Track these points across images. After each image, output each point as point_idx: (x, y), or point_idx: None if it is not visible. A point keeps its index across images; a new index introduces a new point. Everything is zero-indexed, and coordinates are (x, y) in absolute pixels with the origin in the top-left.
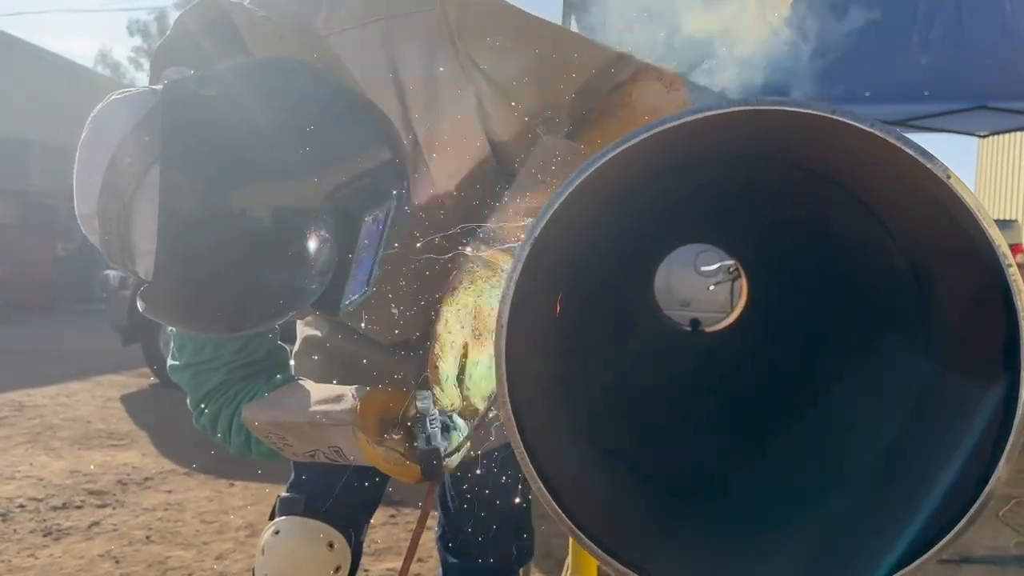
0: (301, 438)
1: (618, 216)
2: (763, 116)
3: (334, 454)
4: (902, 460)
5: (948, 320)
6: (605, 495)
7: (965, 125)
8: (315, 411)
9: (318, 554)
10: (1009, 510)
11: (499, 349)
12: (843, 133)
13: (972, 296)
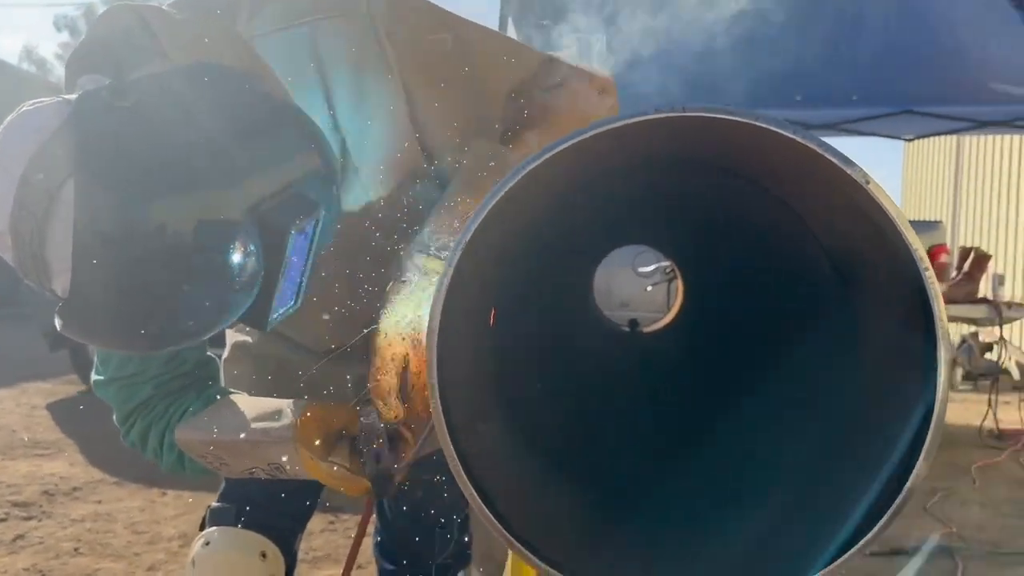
0: (239, 456)
1: (554, 219)
2: (689, 122)
3: (274, 471)
4: (832, 458)
5: (871, 320)
6: (540, 500)
7: (892, 129)
8: (253, 429)
9: (250, 564)
10: (935, 503)
11: (431, 354)
12: (767, 139)
13: (893, 297)
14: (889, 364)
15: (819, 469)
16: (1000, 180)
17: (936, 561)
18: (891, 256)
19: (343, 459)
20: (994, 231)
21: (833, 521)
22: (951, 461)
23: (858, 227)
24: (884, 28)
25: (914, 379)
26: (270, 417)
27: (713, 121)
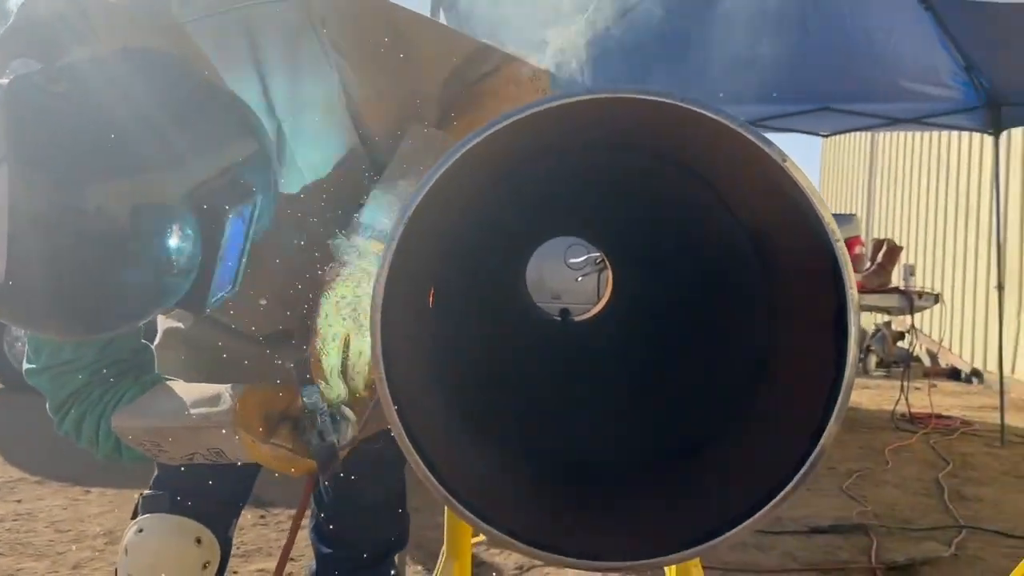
0: (178, 443)
1: (488, 207)
2: (621, 104)
3: (215, 455)
4: (749, 421)
5: (786, 292)
6: (480, 468)
7: (810, 125)
8: (192, 414)
9: (186, 550)
10: (851, 484)
11: (375, 327)
12: (692, 121)
13: (807, 270)
14: (801, 330)
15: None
16: (911, 175)
17: (852, 538)
18: (805, 230)
19: (285, 440)
20: (906, 223)
21: (751, 480)
22: (866, 444)
23: (775, 204)
24: (802, 29)
25: (827, 344)
26: (209, 402)
27: (642, 103)
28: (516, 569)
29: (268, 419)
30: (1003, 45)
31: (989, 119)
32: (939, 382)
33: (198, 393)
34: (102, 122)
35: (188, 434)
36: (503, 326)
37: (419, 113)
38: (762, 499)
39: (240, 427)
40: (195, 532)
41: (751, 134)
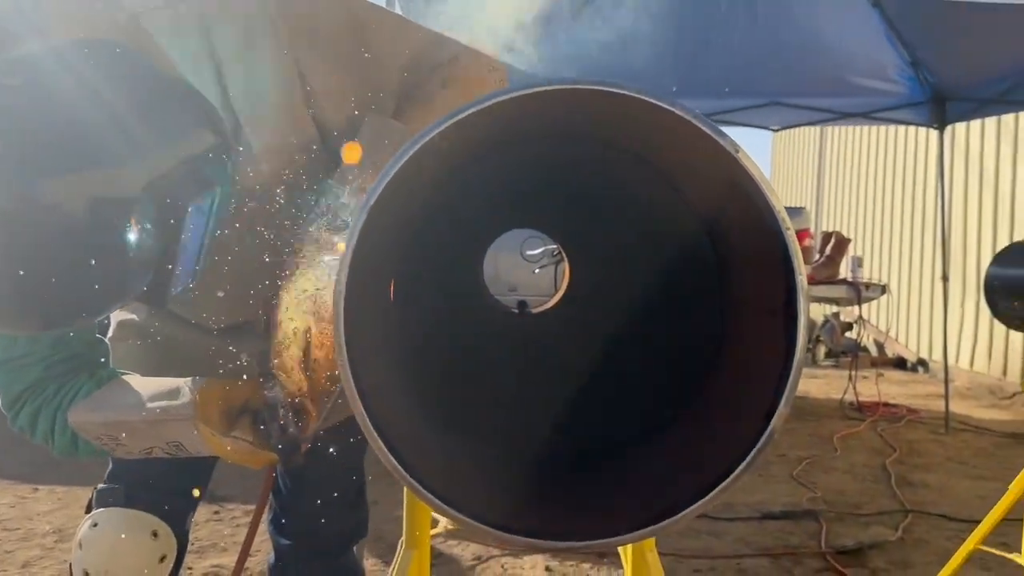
0: (136, 436)
1: (447, 198)
2: (577, 95)
3: (174, 449)
4: (702, 405)
5: (739, 280)
6: (442, 455)
7: (761, 119)
8: (151, 407)
9: (142, 543)
10: (802, 470)
11: (338, 314)
12: (647, 112)
13: (758, 258)
14: (755, 317)
15: (689, 416)
16: (859, 169)
17: (802, 523)
18: (757, 219)
19: (245, 433)
20: (854, 216)
21: (704, 462)
22: (816, 432)
23: (728, 194)
24: (752, 25)
25: (777, 330)
26: (168, 395)
27: (598, 94)
28: (474, 560)
29: (228, 412)
30: (948, 41)
31: (934, 114)
32: (886, 371)
33: (156, 387)
34: (58, 115)
35: (147, 427)
36: (462, 318)
37: (377, 104)
38: (714, 481)
39: (200, 420)
40: (151, 525)
41: (705, 125)
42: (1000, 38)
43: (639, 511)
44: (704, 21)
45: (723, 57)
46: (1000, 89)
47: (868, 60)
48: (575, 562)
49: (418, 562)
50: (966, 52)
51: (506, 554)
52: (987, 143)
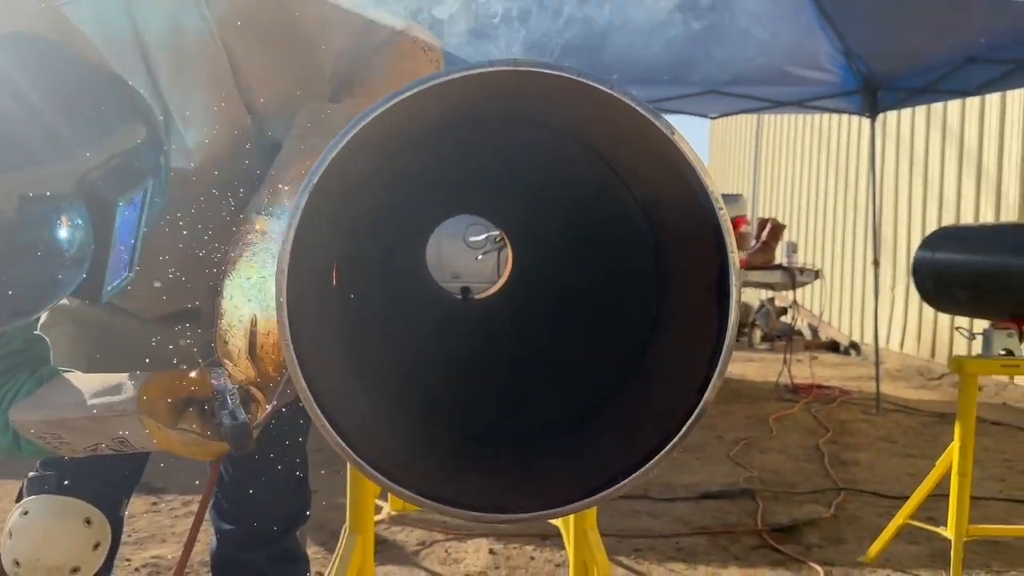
0: (81, 434)
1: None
2: (517, 77)
3: (119, 445)
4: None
5: (675, 259)
6: (386, 433)
7: (698, 108)
8: (94, 404)
9: (74, 531)
10: (738, 451)
11: (280, 293)
12: (586, 95)
13: (693, 237)
14: (690, 295)
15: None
16: (795, 156)
17: (739, 502)
18: (692, 200)
19: (193, 425)
20: (789, 203)
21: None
22: (752, 414)
23: (664, 176)
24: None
25: (711, 307)
26: (111, 391)
27: (538, 76)
28: (418, 545)
29: (174, 404)
30: (880, 31)
31: (866, 103)
32: (820, 354)
33: (99, 383)
34: None
35: (90, 424)
36: (404, 303)
37: (312, 88)
38: (648, 454)
39: (145, 414)
40: (84, 513)
41: (642, 108)
42: (930, 29)
43: (577, 485)
44: (644, 11)
45: (661, 46)
46: (930, 79)
47: (802, 50)
48: (518, 544)
49: (362, 546)
50: (897, 42)
51: (450, 538)
52: (917, 131)
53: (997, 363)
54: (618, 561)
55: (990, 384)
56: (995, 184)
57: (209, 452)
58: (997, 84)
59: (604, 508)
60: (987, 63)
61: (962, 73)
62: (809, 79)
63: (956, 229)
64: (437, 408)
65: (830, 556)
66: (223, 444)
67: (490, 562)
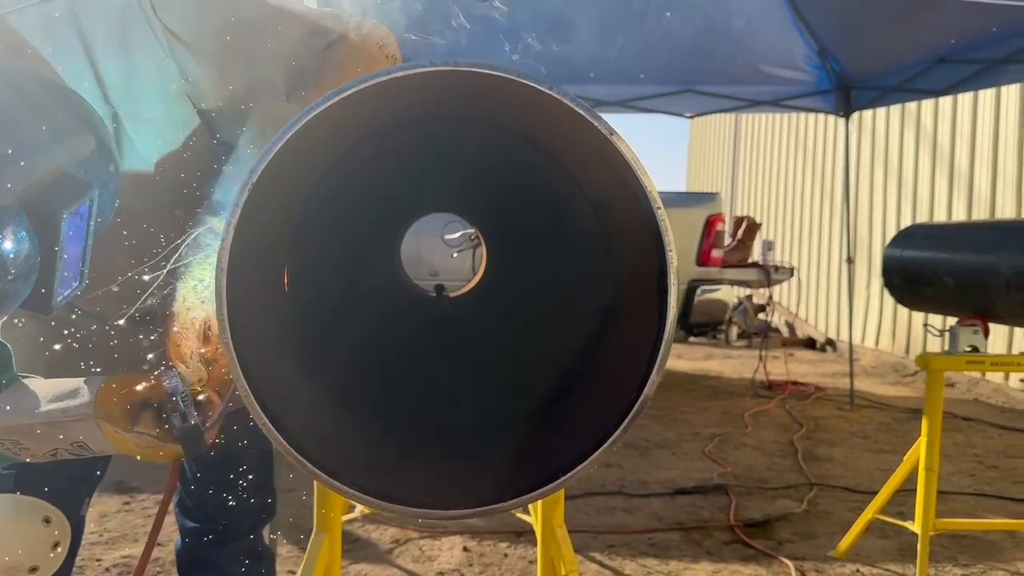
0: (38, 440)
1: (347, 179)
2: (463, 77)
3: (78, 449)
4: (590, 379)
5: (624, 258)
6: (331, 430)
7: (675, 107)
8: (50, 410)
9: (32, 531)
10: (713, 447)
11: (219, 291)
12: (531, 96)
13: (637, 236)
14: (637, 294)
15: (577, 389)
16: (772, 154)
17: (712, 498)
18: (633, 199)
19: (149, 428)
20: (767, 201)
21: (585, 432)
22: (727, 410)
23: (610, 177)
24: (666, 12)
25: (653, 304)
26: (67, 396)
27: (482, 76)
28: (392, 543)
29: (130, 408)
30: (854, 31)
31: (840, 102)
32: (796, 351)
33: (56, 388)
34: None
35: (49, 430)
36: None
37: (266, 89)
38: (590, 450)
39: (102, 418)
40: (42, 512)
41: (581, 108)
42: (904, 28)
43: (518, 482)
44: (619, 8)
45: (637, 44)
46: (902, 78)
47: (778, 49)
48: (492, 542)
49: (329, 544)
50: (870, 42)
51: (424, 536)
52: (892, 130)
53: (962, 359)
54: (591, 557)
55: (962, 380)
56: (967, 183)
57: (167, 454)
58: (967, 84)
59: (579, 505)
60: (957, 63)
61: (933, 73)
62: (785, 78)
63: (923, 227)
64: (387, 406)
65: (801, 551)
66: (179, 447)
67: (464, 559)
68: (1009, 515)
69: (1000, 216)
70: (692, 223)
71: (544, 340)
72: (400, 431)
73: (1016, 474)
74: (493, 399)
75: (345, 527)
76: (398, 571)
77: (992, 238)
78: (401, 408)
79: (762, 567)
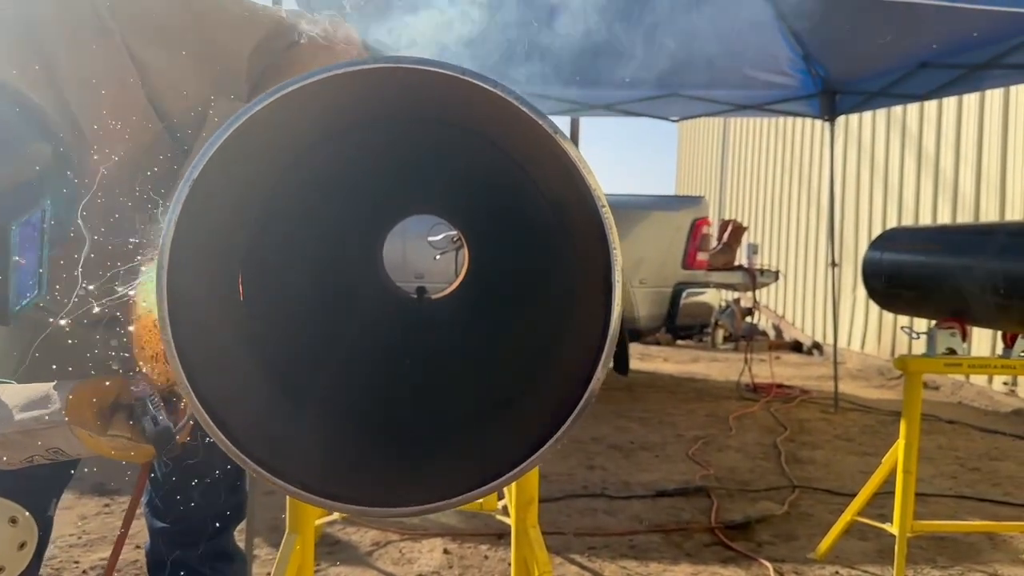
0: (13, 449)
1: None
2: (406, 75)
3: (54, 455)
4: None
5: (581, 257)
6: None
7: (661, 110)
8: (22, 419)
9: None
10: (697, 449)
11: (161, 289)
12: (480, 94)
13: (588, 233)
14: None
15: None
16: (759, 158)
17: (694, 500)
18: (582, 198)
19: (122, 430)
20: (754, 204)
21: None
22: (712, 412)
23: (560, 175)
24: (652, 16)
25: (601, 300)
26: (39, 403)
27: (426, 74)
28: (372, 545)
29: (101, 411)
30: (837, 35)
31: (824, 106)
32: (783, 355)
33: (26, 396)
34: None
35: (22, 439)
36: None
37: (226, 90)
38: (536, 447)
39: (74, 423)
40: (9, 511)
41: (526, 107)
42: (887, 32)
43: (465, 480)
44: (604, 11)
45: (623, 48)
46: (885, 83)
47: (762, 53)
48: (473, 544)
49: (301, 545)
50: (854, 46)
51: (404, 539)
52: (877, 134)
53: (940, 361)
54: (572, 559)
55: (947, 384)
56: (952, 186)
57: (142, 455)
58: (949, 88)
59: (560, 507)
60: (939, 68)
61: (916, 77)
62: (769, 82)
63: (902, 230)
64: (343, 405)
65: (781, 553)
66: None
67: (444, 562)
68: (989, 517)
69: (984, 219)
70: (678, 226)
71: (506, 340)
72: (353, 430)
73: (997, 476)
74: (450, 399)
75: (325, 530)
76: (378, 573)
77: (969, 241)
78: (356, 407)
79: (742, 569)
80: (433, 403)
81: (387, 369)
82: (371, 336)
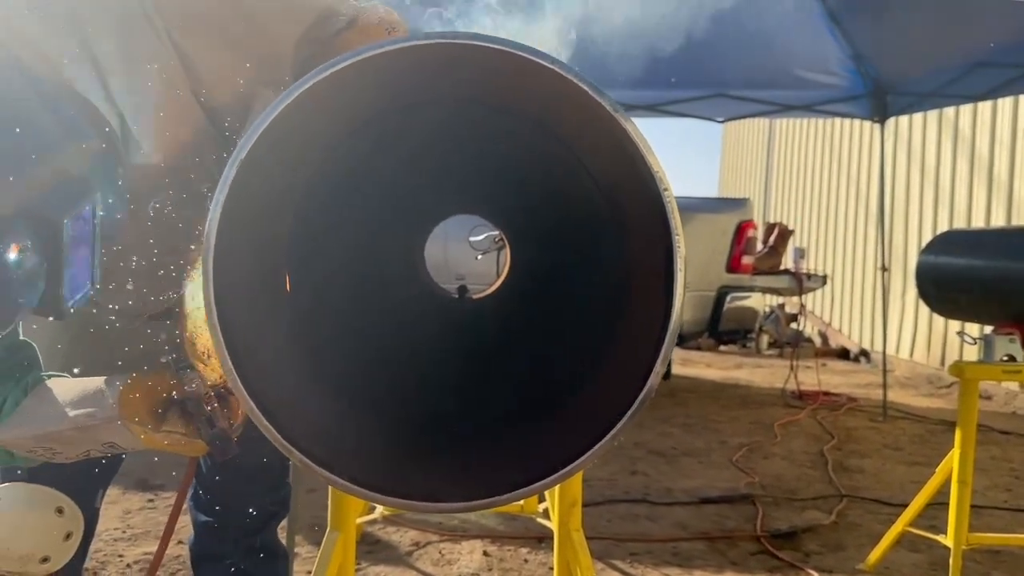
0: (70, 444)
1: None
2: (462, 50)
3: (109, 449)
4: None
5: (634, 247)
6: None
7: (707, 111)
8: (77, 415)
9: (44, 521)
10: (741, 456)
11: (207, 272)
12: (533, 72)
13: (645, 221)
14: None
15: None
16: (805, 160)
17: (739, 507)
18: (640, 181)
19: (177, 426)
20: (800, 207)
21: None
22: (757, 419)
23: (616, 157)
24: (699, 16)
25: (660, 292)
26: (92, 399)
27: (477, 49)
28: (412, 546)
29: (154, 407)
30: (889, 35)
31: (875, 107)
32: (830, 362)
33: (80, 391)
34: None
35: (78, 435)
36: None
37: (273, 79)
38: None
39: (127, 420)
40: (55, 502)
41: (586, 84)
42: (939, 33)
43: (513, 477)
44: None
45: (669, 48)
46: (940, 82)
47: (811, 53)
48: (513, 547)
49: (343, 543)
50: (906, 46)
51: (444, 540)
52: (928, 136)
53: (998, 368)
54: (613, 565)
55: (999, 393)
56: (1007, 190)
57: (196, 449)
58: (1005, 89)
59: (601, 512)
60: (995, 67)
61: (970, 77)
62: (817, 82)
63: (958, 233)
64: (390, 401)
65: (829, 563)
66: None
67: (483, 564)
68: None
69: None
70: (723, 229)
71: (552, 339)
72: (400, 426)
73: None
74: (494, 399)
75: (366, 529)
76: (417, 574)
77: None
78: (403, 403)
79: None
80: (476, 402)
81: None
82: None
